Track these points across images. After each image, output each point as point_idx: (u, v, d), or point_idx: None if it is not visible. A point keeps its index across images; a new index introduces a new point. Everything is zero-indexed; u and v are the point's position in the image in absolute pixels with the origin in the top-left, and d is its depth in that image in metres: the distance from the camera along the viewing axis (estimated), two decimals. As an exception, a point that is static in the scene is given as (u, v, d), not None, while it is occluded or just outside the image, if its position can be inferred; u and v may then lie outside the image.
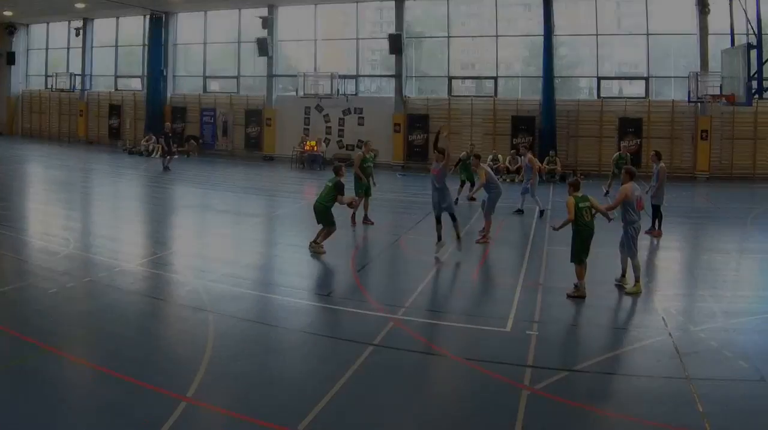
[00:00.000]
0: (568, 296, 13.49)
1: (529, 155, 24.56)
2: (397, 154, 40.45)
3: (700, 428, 8.31)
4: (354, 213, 20.82)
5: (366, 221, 21.54)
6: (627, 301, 13.94)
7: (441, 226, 17.41)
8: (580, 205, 13.67)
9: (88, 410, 8.76)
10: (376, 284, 15.34)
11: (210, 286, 14.12)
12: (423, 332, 11.83)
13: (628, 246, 14.33)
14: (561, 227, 14.13)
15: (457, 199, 23.76)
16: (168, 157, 35.81)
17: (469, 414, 8.93)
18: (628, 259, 14.46)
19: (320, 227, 17.30)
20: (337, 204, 17.37)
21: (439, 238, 17.37)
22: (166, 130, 37.19)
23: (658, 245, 19.44)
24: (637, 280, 14.16)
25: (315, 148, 39.69)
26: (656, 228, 20.29)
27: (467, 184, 26.51)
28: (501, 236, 20.01)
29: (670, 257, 18.66)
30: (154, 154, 42.53)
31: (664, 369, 10.21)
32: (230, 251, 18.55)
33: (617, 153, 30.09)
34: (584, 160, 37.16)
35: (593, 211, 13.83)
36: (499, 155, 36.65)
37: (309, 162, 39.39)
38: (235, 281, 14.69)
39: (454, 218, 17.40)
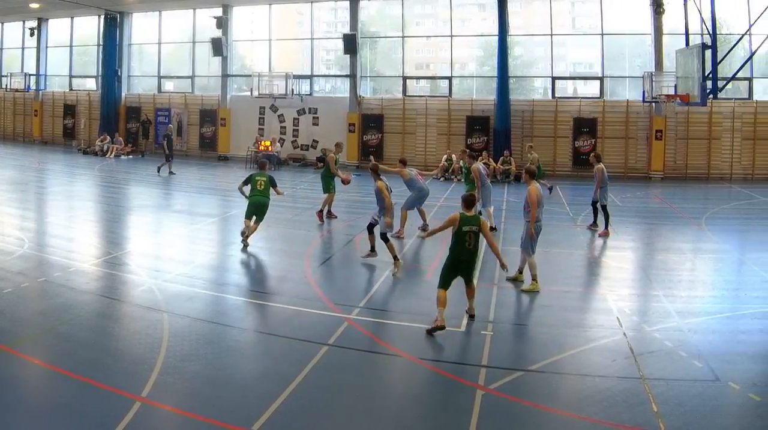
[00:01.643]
0: (428, 332, 11.27)
1: (473, 164, 20.86)
2: (352, 154, 38.60)
3: (654, 428, 8.08)
4: (321, 211, 21.13)
5: (330, 215, 21.60)
6: (581, 301, 13.69)
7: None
8: (464, 228, 11.53)
9: (42, 410, 8.47)
10: (330, 284, 14.84)
11: (165, 286, 13.75)
12: (377, 332, 11.50)
13: (527, 245, 13.93)
14: (430, 234, 13.01)
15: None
16: (170, 161, 33.38)
17: (423, 414, 8.74)
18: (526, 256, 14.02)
19: (253, 221, 17.21)
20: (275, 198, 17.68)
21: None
22: (168, 133, 34.44)
23: (606, 244, 19.06)
24: (534, 278, 13.70)
25: (269, 148, 38.02)
26: (605, 228, 19.82)
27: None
28: None
29: (624, 257, 17.84)
30: (108, 154, 40.88)
31: (619, 369, 9.90)
32: (185, 251, 17.91)
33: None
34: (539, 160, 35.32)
35: (479, 237, 11.71)
36: (453, 155, 34.74)
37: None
38: (190, 281, 14.26)
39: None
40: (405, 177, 19.19)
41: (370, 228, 16.29)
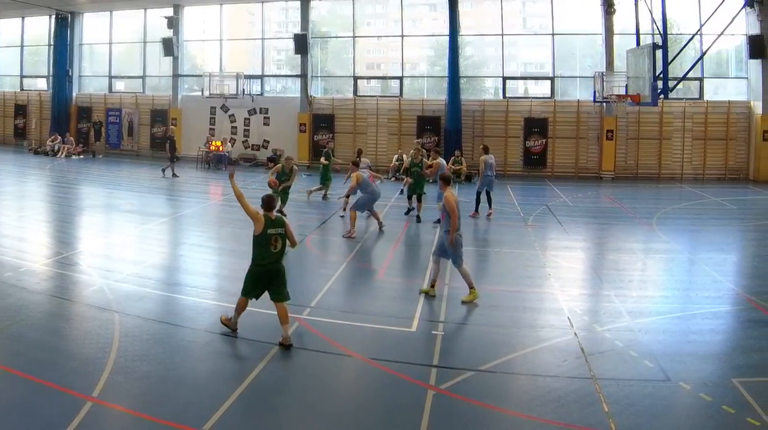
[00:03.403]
0: (281, 344, 10.14)
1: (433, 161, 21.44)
2: (303, 154, 36.58)
3: (605, 428, 7.84)
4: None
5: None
6: (532, 301, 13.08)
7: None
8: (269, 230, 10.11)
9: (-10, 410, 7.99)
10: None
11: (116, 286, 13.18)
12: (328, 332, 10.94)
13: (455, 255, 12.65)
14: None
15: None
16: (173, 162, 31.64)
17: (374, 414, 8.41)
18: (440, 267, 13.08)
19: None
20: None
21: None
22: (171, 135, 32.34)
23: (557, 244, 18.44)
24: (471, 287, 12.66)
25: (220, 148, 36.07)
26: (475, 211, 21.13)
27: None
28: (407, 237, 18.86)
29: (575, 256, 17.25)
30: (59, 154, 38.55)
31: (570, 369, 9.56)
32: (136, 251, 17.09)
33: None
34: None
35: (285, 241, 10.39)
36: (404, 155, 32.50)
37: (215, 162, 35.86)
38: (141, 280, 13.71)
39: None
40: (358, 182, 18.86)
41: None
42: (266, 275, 10.17)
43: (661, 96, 23.44)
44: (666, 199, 27.84)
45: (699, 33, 27.64)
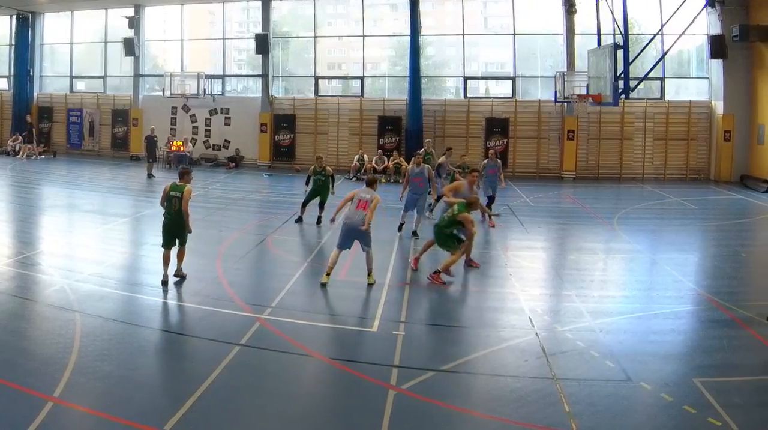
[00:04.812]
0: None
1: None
2: (264, 154, 35.11)
3: (566, 428, 7.54)
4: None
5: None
6: (494, 300, 12.88)
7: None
8: (171, 193, 12.94)
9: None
10: (242, 284, 13.78)
11: (77, 286, 12.80)
12: (289, 332, 10.64)
13: (369, 239, 13.21)
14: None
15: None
16: (150, 162, 30.39)
17: (335, 414, 8.13)
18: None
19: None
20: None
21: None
22: (152, 134, 30.78)
23: (519, 244, 17.90)
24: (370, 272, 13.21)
25: (182, 148, 34.42)
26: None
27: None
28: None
29: (536, 256, 16.85)
30: (20, 154, 36.62)
31: (531, 369, 9.34)
32: (97, 251, 16.53)
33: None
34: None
35: (180, 203, 12.92)
36: (366, 155, 31.69)
37: (176, 162, 33.97)
38: (102, 280, 13.28)
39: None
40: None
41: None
42: (169, 223, 12.94)
43: (622, 96, 22.58)
44: (627, 199, 27.10)
45: (660, 33, 26.64)
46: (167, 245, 12.93)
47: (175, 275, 12.94)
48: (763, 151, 28.90)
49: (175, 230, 12.93)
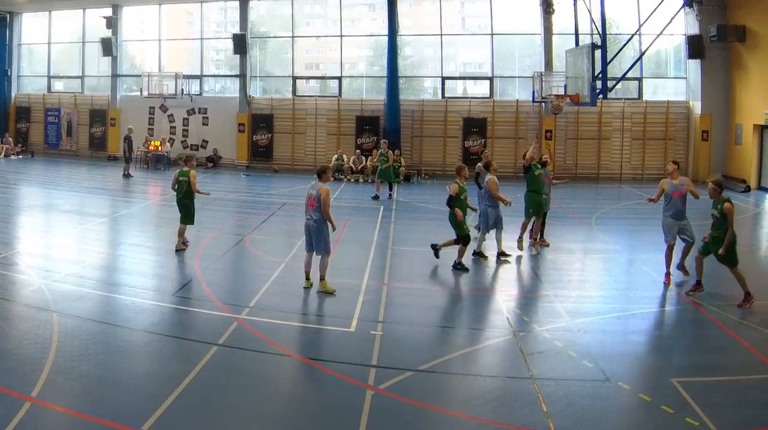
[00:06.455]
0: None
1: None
2: (242, 154, 34.02)
3: (544, 428, 7.43)
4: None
5: None
6: (472, 301, 12.77)
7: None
8: (180, 178, 15.33)
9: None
10: (220, 284, 13.53)
11: (54, 286, 12.59)
12: (267, 332, 10.37)
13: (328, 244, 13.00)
14: None
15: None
16: (128, 163, 29.74)
17: (313, 414, 7.98)
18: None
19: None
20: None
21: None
22: (130, 134, 29.73)
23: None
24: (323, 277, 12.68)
25: (159, 148, 33.43)
26: None
27: None
28: (345, 236, 17.73)
29: (514, 257, 16.03)
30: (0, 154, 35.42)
31: (509, 369, 9.23)
32: (74, 251, 16.26)
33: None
34: (429, 159, 32.09)
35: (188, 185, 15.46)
36: (344, 155, 30.65)
37: (153, 162, 33.27)
38: (80, 281, 13.04)
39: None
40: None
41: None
42: (179, 203, 15.39)
43: (600, 96, 22.52)
44: (605, 199, 26.55)
45: (638, 33, 25.96)
46: (182, 219, 15.31)
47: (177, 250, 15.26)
48: (740, 151, 28.19)
49: (186, 206, 15.33)
